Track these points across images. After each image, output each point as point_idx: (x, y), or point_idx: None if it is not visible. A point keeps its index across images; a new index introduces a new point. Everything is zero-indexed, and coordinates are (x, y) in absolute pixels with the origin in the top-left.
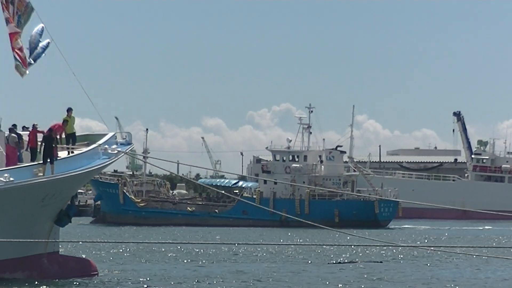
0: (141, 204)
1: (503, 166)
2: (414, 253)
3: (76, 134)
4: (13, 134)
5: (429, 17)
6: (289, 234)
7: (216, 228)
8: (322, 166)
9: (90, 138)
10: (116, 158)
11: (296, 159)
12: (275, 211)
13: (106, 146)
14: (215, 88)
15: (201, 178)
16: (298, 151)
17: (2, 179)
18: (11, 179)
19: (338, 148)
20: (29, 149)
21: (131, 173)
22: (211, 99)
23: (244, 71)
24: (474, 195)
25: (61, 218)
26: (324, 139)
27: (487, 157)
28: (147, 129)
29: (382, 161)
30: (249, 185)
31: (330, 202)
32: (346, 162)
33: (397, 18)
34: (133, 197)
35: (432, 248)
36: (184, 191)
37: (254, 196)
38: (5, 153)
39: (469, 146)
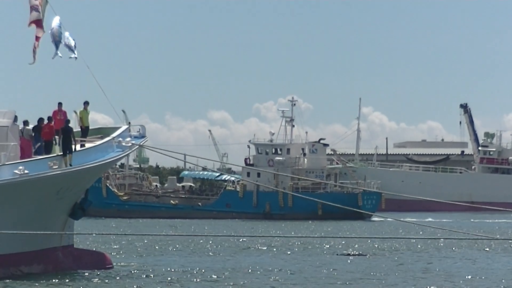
0: (124, 198)
1: (510, 158)
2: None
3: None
4: (27, 127)
5: (435, 8)
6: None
7: (201, 220)
8: (305, 159)
9: (103, 132)
10: (130, 151)
11: (279, 152)
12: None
13: (120, 139)
14: (221, 81)
15: (207, 171)
16: (281, 144)
17: (16, 171)
18: (26, 171)
19: (321, 141)
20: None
21: (138, 166)
22: (217, 92)
23: (250, 64)
24: (481, 187)
25: (75, 211)
26: (306, 132)
27: (494, 149)
28: (129, 123)
29: (389, 153)
30: (232, 178)
31: (314, 195)
32: (329, 154)
33: (403, 10)
34: (116, 190)
35: None
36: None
37: (238, 189)
38: (19, 146)
39: (476, 138)
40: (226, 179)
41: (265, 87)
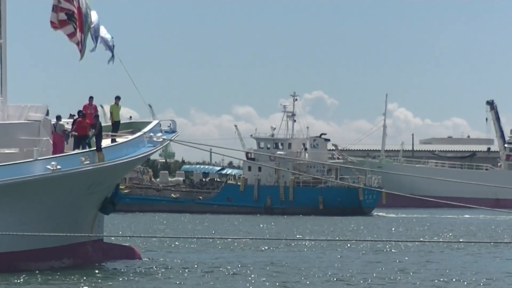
0: (125, 191)
1: None
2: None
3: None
4: (60, 122)
5: (462, 5)
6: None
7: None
8: (306, 154)
9: (134, 126)
10: (162, 146)
11: (280, 147)
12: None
13: (152, 134)
14: (246, 76)
15: (233, 165)
16: (282, 138)
17: (49, 167)
18: (58, 167)
19: (322, 136)
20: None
21: (164, 160)
22: (242, 88)
23: (275, 59)
24: (507, 184)
25: (105, 206)
26: (308, 127)
27: None
28: (130, 117)
29: (415, 149)
30: (233, 172)
31: (315, 189)
32: (330, 149)
33: (429, 6)
34: None
35: None
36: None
37: (239, 183)
38: (52, 141)
39: (502, 135)
40: (228, 173)
41: (291, 82)
